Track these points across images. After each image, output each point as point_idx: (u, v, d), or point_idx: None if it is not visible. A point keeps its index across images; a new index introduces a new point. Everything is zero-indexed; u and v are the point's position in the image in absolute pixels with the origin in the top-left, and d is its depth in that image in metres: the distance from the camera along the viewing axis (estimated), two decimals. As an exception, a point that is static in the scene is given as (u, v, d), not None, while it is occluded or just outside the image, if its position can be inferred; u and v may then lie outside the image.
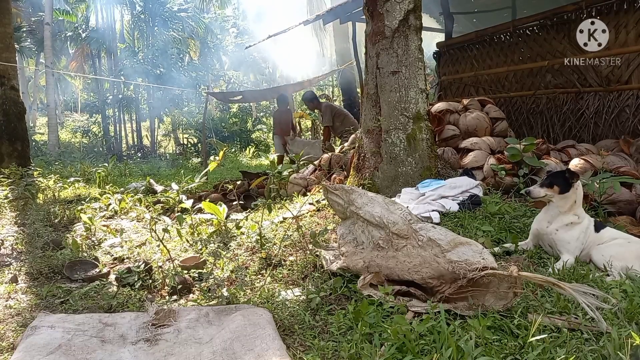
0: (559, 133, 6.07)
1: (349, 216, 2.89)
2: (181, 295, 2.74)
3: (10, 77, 7.40)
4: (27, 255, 3.59)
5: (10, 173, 5.80)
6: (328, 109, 8.20)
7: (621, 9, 5.25)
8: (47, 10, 16.55)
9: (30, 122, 21.87)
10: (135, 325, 2.23)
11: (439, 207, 3.72)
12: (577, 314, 2.07)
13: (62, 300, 2.70)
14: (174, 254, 3.40)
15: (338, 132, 8.15)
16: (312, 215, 4.11)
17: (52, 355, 1.92)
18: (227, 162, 13.94)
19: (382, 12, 4.29)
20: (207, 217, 4.18)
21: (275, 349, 1.92)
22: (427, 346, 1.85)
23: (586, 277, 2.49)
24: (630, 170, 4.02)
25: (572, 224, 2.82)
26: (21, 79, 17.36)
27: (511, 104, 6.78)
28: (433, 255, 2.31)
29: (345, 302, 2.44)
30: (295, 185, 5.57)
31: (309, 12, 16.04)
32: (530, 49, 6.49)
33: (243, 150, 18.27)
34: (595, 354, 1.77)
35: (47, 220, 4.66)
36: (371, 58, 4.46)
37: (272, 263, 3.06)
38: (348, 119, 8.13)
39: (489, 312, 2.08)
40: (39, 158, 13.28)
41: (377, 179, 4.31)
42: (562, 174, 2.89)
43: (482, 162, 4.72)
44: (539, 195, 2.92)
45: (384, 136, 4.32)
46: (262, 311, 2.27)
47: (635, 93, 5.18)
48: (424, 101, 4.39)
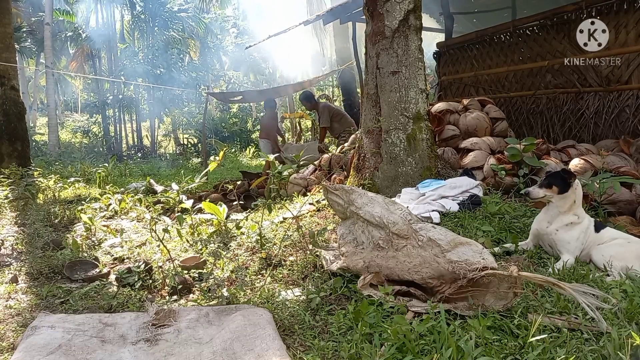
0: (559, 133, 6.07)
1: (349, 216, 2.89)
2: (181, 296, 2.74)
3: (11, 77, 7.40)
4: (27, 256, 3.59)
5: (10, 173, 5.80)
6: (326, 109, 8.09)
7: (621, 9, 5.25)
8: (47, 11, 16.56)
9: (31, 122, 21.88)
10: (136, 325, 2.23)
11: (439, 207, 3.72)
12: (577, 314, 2.07)
13: (62, 301, 2.70)
14: (174, 254, 3.40)
15: (336, 133, 8.10)
16: (312, 216, 4.11)
17: (52, 355, 1.92)
18: (227, 162, 13.95)
19: (382, 12, 4.29)
20: (207, 217, 4.18)
21: (275, 349, 1.92)
22: (427, 346, 1.85)
23: (586, 277, 2.49)
24: (630, 170, 4.02)
25: (572, 224, 2.82)
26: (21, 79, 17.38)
27: (511, 104, 6.78)
28: (433, 255, 2.31)
29: (345, 302, 2.44)
30: (295, 185, 5.57)
31: (309, 12, 16.04)
32: (530, 49, 6.49)
33: (243, 151, 18.27)
34: (596, 354, 1.77)
35: (47, 220, 4.66)
36: (371, 58, 4.46)
37: (272, 263, 3.06)
38: (346, 119, 8.09)
39: (489, 312, 2.08)
40: (39, 158, 13.29)
41: (377, 179, 4.31)
42: (560, 174, 2.90)
43: (482, 162, 4.72)
44: (538, 196, 2.92)
45: (384, 136, 4.32)
46: (262, 311, 2.27)
47: (635, 93, 5.18)
48: (424, 101, 4.39)
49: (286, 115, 18.03)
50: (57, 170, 9.35)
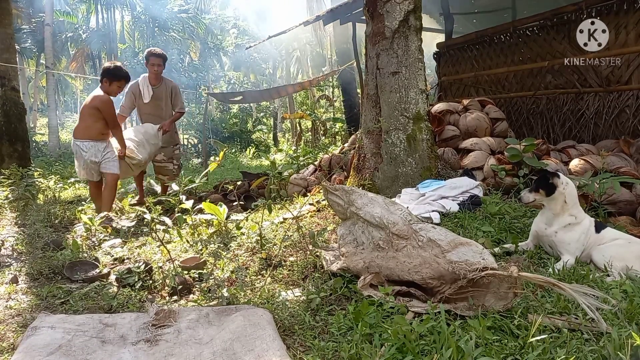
0: (559, 133, 6.08)
1: (349, 217, 2.89)
2: (181, 296, 2.74)
3: (11, 78, 7.40)
4: (27, 256, 3.59)
5: (10, 174, 5.80)
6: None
7: (621, 10, 5.26)
8: (48, 11, 16.59)
9: (31, 123, 21.88)
10: (136, 325, 2.23)
11: (439, 207, 3.72)
12: (577, 314, 2.07)
13: (63, 301, 2.70)
14: (174, 255, 3.40)
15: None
16: (312, 216, 4.11)
17: (52, 355, 1.92)
18: (227, 162, 13.95)
19: (382, 12, 4.30)
20: (207, 217, 4.18)
21: (275, 350, 1.92)
22: (427, 346, 1.85)
23: (586, 277, 2.49)
24: (630, 171, 4.02)
25: (571, 225, 2.81)
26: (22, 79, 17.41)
27: (511, 104, 6.78)
28: (433, 255, 2.31)
29: (345, 303, 2.44)
30: (295, 185, 5.58)
31: (309, 12, 16.06)
32: (531, 50, 6.49)
33: (243, 151, 18.29)
34: (596, 354, 1.77)
35: (48, 220, 4.66)
36: (371, 59, 4.46)
37: (272, 263, 3.06)
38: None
39: (489, 312, 2.08)
40: (40, 159, 13.29)
41: (377, 179, 4.31)
42: (544, 177, 2.87)
43: (482, 162, 4.72)
44: (528, 201, 2.92)
45: (384, 137, 4.32)
46: (262, 312, 2.27)
47: (635, 93, 5.19)
48: (424, 102, 4.39)
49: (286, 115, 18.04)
50: (58, 171, 9.35)
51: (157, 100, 5.78)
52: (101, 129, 4.73)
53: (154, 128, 5.55)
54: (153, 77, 5.74)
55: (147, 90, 5.73)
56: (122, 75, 4.82)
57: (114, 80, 4.75)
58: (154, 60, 5.68)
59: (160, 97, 5.80)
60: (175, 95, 5.91)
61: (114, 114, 4.80)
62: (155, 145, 5.57)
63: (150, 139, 5.46)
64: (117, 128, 4.88)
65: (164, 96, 5.81)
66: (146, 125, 5.62)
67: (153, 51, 5.81)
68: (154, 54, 5.72)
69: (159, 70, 5.72)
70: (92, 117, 4.68)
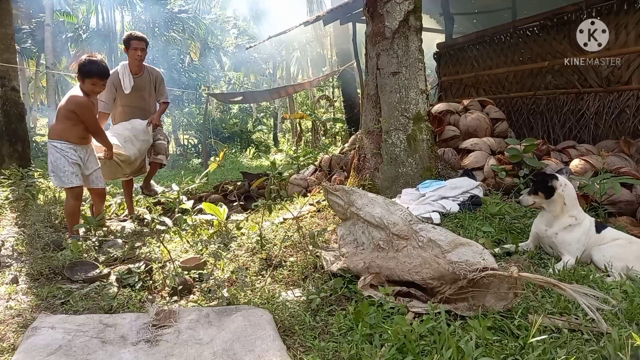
0: (559, 134, 6.08)
1: (350, 217, 2.89)
2: (181, 296, 2.74)
3: (11, 78, 7.40)
4: (27, 256, 3.59)
5: (10, 174, 5.80)
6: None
7: (621, 10, 5.26)
8: (48, 12, 16.61)
9: (31, 123, 21.86)
10: (136, 326, 2.23)
11: (439, 207, 3.72)
12: (577, 314, 2.07)
13: (63, 301, 2.70)
14: (174, 255, 3.40)
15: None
16: (312, 216, 4.11)
17: (52, 356, 1.92)
18: (227, 163, 13.95)
19: (383, 13, 4.30)
20: (207, 217, 4.18)
21: (275, 350, 1.92)
22: (428, 347, 1.85)
23: (587, 277, 2.49)
24: (630, 171, 4.02)
25: (572, 226, 2.81)
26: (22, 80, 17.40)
27: (511, 104, 6.79)
28: (433, 256, 2.31)
29: (345, 303, 2.44)
30: (295, 186, 5.58)
31: (309, 12, 16.06)
32: (531, 50, 6.49)
33: (243, 151, 18.29)
34: (596, 354, 1.77)
35: (48, 221, 4.66)
36: (371, 59, 4.46)
37: (272, 264, 3.06)
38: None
39: (490, 312, 2.08)
40: (40, 159, 13.27)
41: (378, 179, 4.31)
42: (543, 179, 2.87)
43: (483, 162, 4.72)
44: (527, 204, 2.92)
45: (384, 137, 4.32)
46: (262, 312, 2.27)
47: (636, 94, 5.19)
48: (424, 102, 4.39)
49: (286, 115, 18.04)
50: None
51: (139, 91, 4.94)
52: (81, 133, 3.98)
53: (142, 123, 4.89)
54: (135, 64, 4.84)
55: (128, 80, 4.86)
56: (93, 71, 3.90)
57: (85, 78, 3.90)
58: (137, 44, 4.77)
59: (143, 87, 4.97)
60: (160, 85, 5.14)
61: (93, 118, 4.02)
62: (146, 142, 4.94)
63: (139, 135, 4.83)
64: (100, 133, 4.13)
65: (147, 86, 5.00)
66: (133, 121, 4.92)
67: (134, 34, 4.90)
68: (136, 37, 4.82)
69: (142, 56, 4.83)
70: (70, 120, 3.92)
